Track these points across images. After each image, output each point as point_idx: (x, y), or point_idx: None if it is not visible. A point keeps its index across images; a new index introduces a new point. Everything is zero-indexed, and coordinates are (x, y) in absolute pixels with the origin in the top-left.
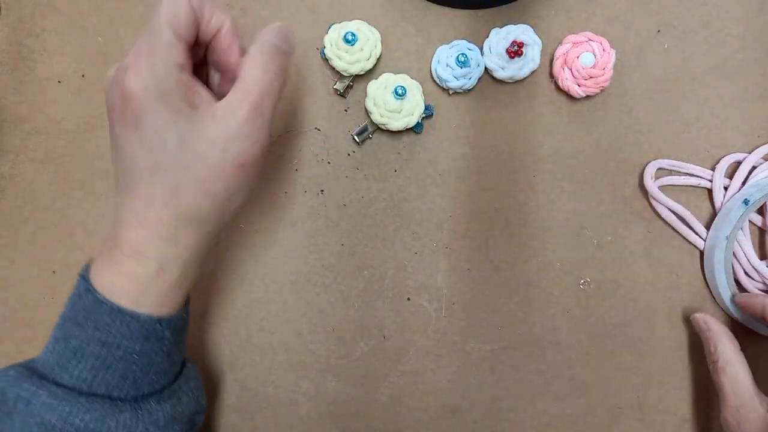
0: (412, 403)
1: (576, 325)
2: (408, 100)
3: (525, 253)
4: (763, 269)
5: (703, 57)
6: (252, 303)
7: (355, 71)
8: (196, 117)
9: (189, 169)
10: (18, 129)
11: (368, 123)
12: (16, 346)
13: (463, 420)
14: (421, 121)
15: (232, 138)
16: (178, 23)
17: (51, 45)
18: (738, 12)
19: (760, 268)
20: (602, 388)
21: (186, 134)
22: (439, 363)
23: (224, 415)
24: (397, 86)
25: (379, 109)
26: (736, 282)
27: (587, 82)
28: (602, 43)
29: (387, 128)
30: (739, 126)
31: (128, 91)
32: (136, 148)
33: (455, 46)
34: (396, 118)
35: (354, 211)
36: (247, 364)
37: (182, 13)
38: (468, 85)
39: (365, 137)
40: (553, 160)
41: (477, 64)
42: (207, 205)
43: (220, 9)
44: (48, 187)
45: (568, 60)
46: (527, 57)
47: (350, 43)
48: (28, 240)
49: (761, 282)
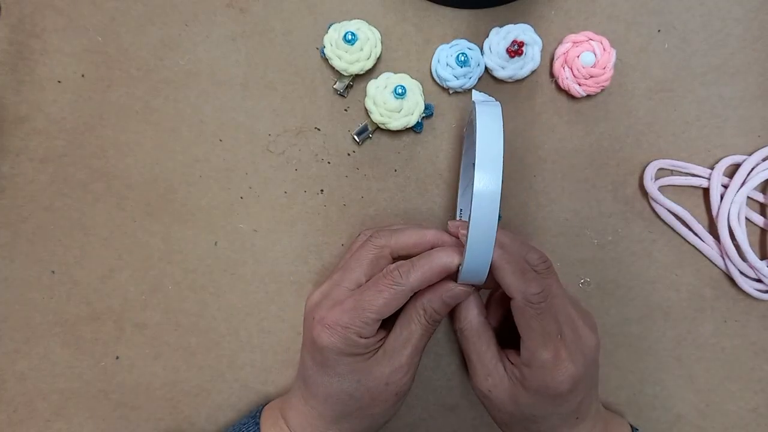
0: (412, 401)
1: None
2: (408, 100)
3: None
4: (762, 268)
5: (703, 57)
6: (252, 303)
7: (355, 71)
8: (370, 360)
9: (357, 401)
10: (18, 129)
11: (368, 123)
12: (16, 346)
13: (463, 418)
14: (421, 121)
15: (394, 373)
16: (388, 312)
17: (51, 45)
18: (738, 12)
19: (759, 265)
20: (600, 386)
21: (360, 376)
22: (439, 362)
23: (224, 415)
24: (396, 86)
25: (378, 108)
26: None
27: (587, 82)
28: (602, 43)
29: (387, 128)
30: (739, 126)
31: (320, 343)
32: (318, 378)
33: (455, 45)
34: (396, 117)
35: (354, 211)
36: (247, 364)
37: (396, 306)
38: (468, 85)
39: (365, 137)
40: (553, 160)
41: (477, 63)
42: (365, 425)
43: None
44: (48, 187)
45: (569, 59)
46: (527, 56)
47: (350, 43)
48: (28, 240)
49: (757, 280)
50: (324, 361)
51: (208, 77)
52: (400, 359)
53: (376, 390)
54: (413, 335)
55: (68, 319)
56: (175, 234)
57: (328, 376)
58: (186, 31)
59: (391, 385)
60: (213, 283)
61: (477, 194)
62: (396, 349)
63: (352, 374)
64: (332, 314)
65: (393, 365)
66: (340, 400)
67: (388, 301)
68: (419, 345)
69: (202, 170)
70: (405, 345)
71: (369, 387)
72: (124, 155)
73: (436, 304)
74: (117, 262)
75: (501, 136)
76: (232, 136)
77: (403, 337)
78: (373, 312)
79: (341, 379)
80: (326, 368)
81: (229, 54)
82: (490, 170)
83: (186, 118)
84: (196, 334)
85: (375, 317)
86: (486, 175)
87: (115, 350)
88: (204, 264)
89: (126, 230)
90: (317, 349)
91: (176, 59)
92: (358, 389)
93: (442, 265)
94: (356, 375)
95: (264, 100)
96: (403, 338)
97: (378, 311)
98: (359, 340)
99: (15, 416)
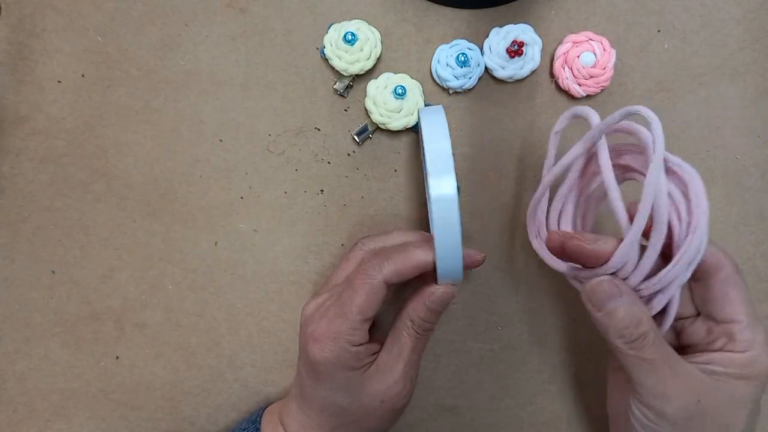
0: (412, 402)
1: (576, 325)
2: (408, 100)
3: (525, 252)
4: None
5: (703, 57)
6: (252, 303)
7: (355, 71)
8: (364, 376)
9: (352, 415)
10: (18, 129)
11: (368, 123)
12: (16, 346)
13: (463, 419)
14: None
15: (389, 390)
16: (370, 310)
17: (51, 45)
18: (738, 12)
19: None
20: (602, 387)
21: (354, 392)
22: (438, 362)
23: (224, 416)
24: (397, 86)
25: (378, 108)
26: None
27: (588, 82)
28: (602, 43)
29: (387, 128)
30: (739, 126)
31: (312, 358)
32: (313, 391)
33: (455, 45)
34: (396, 117)
35: (354, 211)
36: (247, 364)
37: (376, 301)
38: (468, 85)
39: (365, 137)
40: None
41: (477, 63)
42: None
43: None
44: (48, 187)
45: (569, 59)
46: (527, 56)
47: (350, 43)
48: (28, 240)
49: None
50: (318, 376)
51: (208, 77)
52: (393, 375)
53: (371, 407)
54: (404, 349)
55: (68, 319)
56: (175, 234)
57: (323, 390)
58: (186, 31)
59: (387, 402)
60: (213, 283)
61: (434, 200)
62: (389, 365)
63: (346, 389)
64: (320, 327)
65: (387, 382)
66: (335, 413)
67: (368, 296)
68: (412, 358)
69: (202, 170)
70: (397, 360)
71: (363, 403)
72: (125, 155)
73: (422, 312)
74: (117, 262)
75: (447, 138)
76: (232, 136)
77: (394, 353)
78: (354, 312)
79: (335, 393)
80: (320, 383)
81: (229, 54)
82: (443, 174)
83: (186, 118)
84: (196, 334)
85: (360, 318)
86: (439, 181)
87: (115, 350)
88: (204, 264)
89: (126, 230)
90: (310, 363)
91: (176, 59)
92: (353, 404)
93: (417, 260)
94: (350, 390)
95: (264, 100)
96: (395, 353)
97: (360, 311)
98: (351, 349)
99: (15, 416)
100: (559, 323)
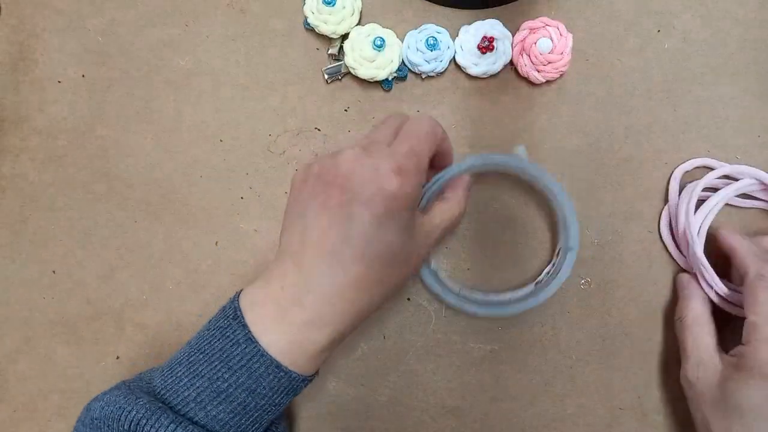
0: (412, 403)
1: (576, 325)
2: (384, 55)
3: (525, 252)
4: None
5: (703, 57)
6: None
7: (344, 30)
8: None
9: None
10: (18, 129)
11: (343, 65)
12: (16, 345)
13: (463, 420)
14: (392, 80)
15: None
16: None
17: (51, 45)
18: (738, 12)
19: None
20: (602, 388)
21: (411, 233)
22: (439, 363)
23: None
24: (376, 37)
25: (354, 53)
26: None
27: (546, 68)
28: (559, 28)
29: (356, 74)
30: (739, 126)
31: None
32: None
33: (424, 30)
34: (366, 66)
35: None
36: None
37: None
38: (439, 68)
39: (335, 78)
40: (553, 160)
41: (447, 46)
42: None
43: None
44: (48, 187)
45: (526, 46)
46: (499, 51)
47: (330, 4)
48: (28, 240)
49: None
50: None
51: (208, 77)
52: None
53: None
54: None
55: (69, 319)
56: (175, 234)
57: (385, 233)
58: (186, 31)
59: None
60: (214, 283)
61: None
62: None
63: (407, 229)
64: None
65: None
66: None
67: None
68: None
69: (202, 170)
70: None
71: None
72: (125, 155)
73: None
74: (118, 261)
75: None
76: (232, 137)
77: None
78: (427, 151)
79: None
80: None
81: (229, 54)
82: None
83: (186, 119)
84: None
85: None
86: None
87: (116, 350)
88: (205, 264)
89: (127, 230)
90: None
91: (176, 59)
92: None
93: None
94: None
95: (264, 100)
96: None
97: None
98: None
99: (15, 416)
100: (560, 323)
